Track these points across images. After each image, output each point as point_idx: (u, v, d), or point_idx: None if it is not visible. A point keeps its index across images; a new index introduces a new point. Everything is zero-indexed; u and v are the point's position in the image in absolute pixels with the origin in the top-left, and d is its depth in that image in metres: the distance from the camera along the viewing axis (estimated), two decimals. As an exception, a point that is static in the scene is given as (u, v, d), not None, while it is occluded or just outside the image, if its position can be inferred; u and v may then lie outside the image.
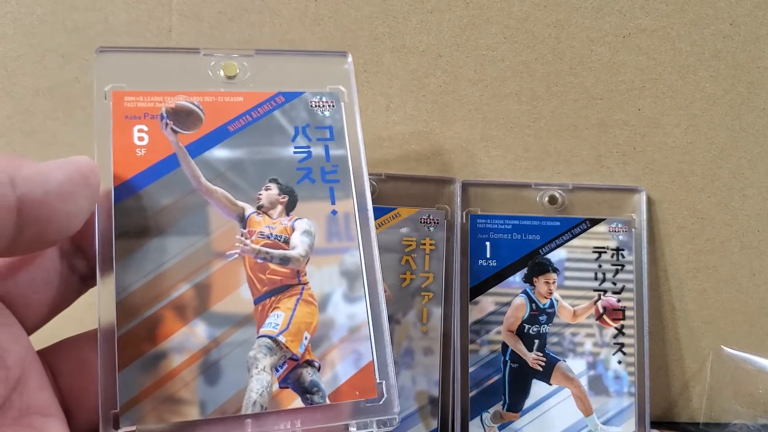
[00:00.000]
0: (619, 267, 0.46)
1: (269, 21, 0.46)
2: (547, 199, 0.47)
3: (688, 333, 0.48)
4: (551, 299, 0.45)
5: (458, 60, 0.47)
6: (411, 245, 0.45)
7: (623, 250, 0.46)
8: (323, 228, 0.33)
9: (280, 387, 0.30)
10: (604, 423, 0.44)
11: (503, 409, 0.44)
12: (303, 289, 0.32)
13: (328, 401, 0.30)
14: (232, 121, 0.33)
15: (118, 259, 0.29)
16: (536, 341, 0.45)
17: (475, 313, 0.45)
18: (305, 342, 0.31)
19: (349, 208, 0.33)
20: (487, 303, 0.45)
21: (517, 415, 0.44)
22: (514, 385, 0.44)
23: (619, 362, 0.45)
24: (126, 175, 0.31)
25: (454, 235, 0.45)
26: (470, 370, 0.44)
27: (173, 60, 0.34)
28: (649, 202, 0.48)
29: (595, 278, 0.46)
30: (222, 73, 0.34)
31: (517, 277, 0.45)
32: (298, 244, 0.32)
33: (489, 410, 0.44)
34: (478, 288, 0.45)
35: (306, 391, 0.30)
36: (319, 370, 0.30)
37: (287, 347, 0.30)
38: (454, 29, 0.47)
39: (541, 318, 0.45)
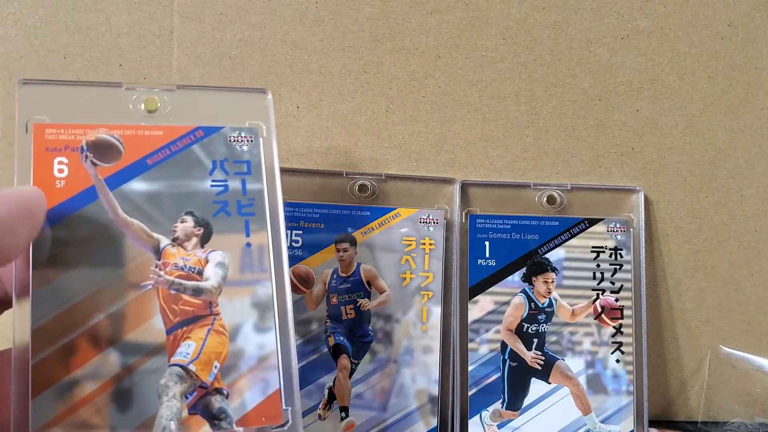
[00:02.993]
0: (618, 266, 0.46)
1: (270, 22, 0.46)
2: (545, 199, 0.47)
3: (686, 332, 0.49)
4: (550, 298, 0.45)
5: (457, 61, 0.47)
6: (411, 245, 0.45)
7: (621, 249, 0.46)
8: (237, 260, 0.34)
9: (190, 413, 0.31)
10: (603, 421, 0.44)
11: (502, 407, 0.44)
12: (214, 319, 0.33)
13: (235, 427, 0.32)
14: (151, 154, 0.34)
15: (34, 288, 0.30)
16: (535, 340, 0.45)
17: (474, 312, 0.45)
18: (215, 371, 0.32)
19: (263, 241, 0.34)
20: (486, 302, 0.45)
21: (516, 414, 0.44)
22: (513, 384, 0.44)
23: (618, 361, 0.45)
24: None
25: (454, 234, 0.46)
26: (469, 368, 0.44)
27: (95, 93, 0.35)
28: (647, 202, 0.48)
29: (594, 278, 0.46)
30: (143, 107, 0.35)
31: (516, 277, 0.45)
32: (212, 276, 0.34)
33: (488, 409, 0.44)
34: (477, 287, 0.45)
35: (214, 417, 0.32)
36: (227, 397, 0.32)
37: (197, 376, 0.32)
38: (454, 31, 0.47)
39: (539, 317, 0.45)
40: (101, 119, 0.34)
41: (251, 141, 0.36)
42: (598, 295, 0.46)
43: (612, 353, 0.45)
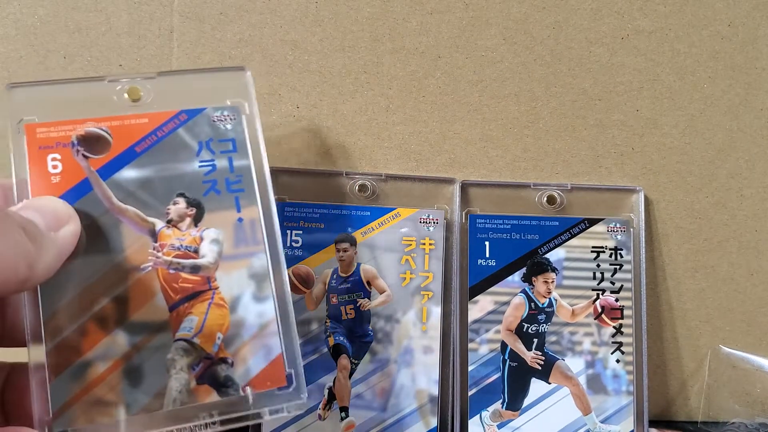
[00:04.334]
0: (618, 266, 0.46)
1: (270, 22, 0.46)
2: (545, 199, 0.47)
3: (686, 332, 0.49)
4: (550, 298, 0.45)
5: (457, 61, 0.47)
6: (411, 245, 0.45)
7: (621, 249, 0.46)
8: (230, 235, 0.35)
9: (198, 384, 0.33)
10: (603, 421, 0.44)
11: (502, 407, 0.44)
12: (214, 293, 0.35)
13: (242, 393, 0.33)
14: (139, 142, 0.35)
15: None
16: (535, 340, 0.45)
17: (474, 312, 0.45)
18: (218, 342, 0.34)
19: (254, 215, 0.36)
20: (486, 302, 0.45)
21: (516, 414, 0.44)
22: (513, 384, 0.44)
23: (618, 361, 0.45)
24: None
25: (454, 234, 0.46)
26: (470, 368, 0.44)
27: (80, 89, 0.36)
28: (647, 202, 0.48)
29: (594, 278, 0.46)
30: (127, 96, 0.36)
31: (516, 277, 0.45)
32: (207, 253, 0.35)
33: (488, 409, 0.44)
34: (477, 287, 0.45)
35: (221, 385, 0.33)
36: (232, 365, 0.34)
37: (201, 348, 0.34)
38: (454, 30, 0.47)
39: (540, 317, 0.45)
40: (88, 113, 0.35)
41: (234, 119, 0.37)
42: (598, 295, 0.46)
43: (612, 353, 0.45)
